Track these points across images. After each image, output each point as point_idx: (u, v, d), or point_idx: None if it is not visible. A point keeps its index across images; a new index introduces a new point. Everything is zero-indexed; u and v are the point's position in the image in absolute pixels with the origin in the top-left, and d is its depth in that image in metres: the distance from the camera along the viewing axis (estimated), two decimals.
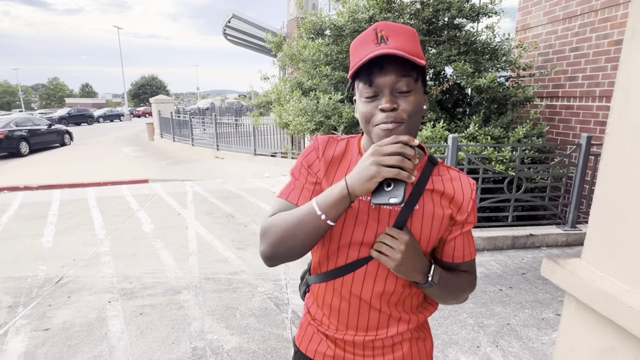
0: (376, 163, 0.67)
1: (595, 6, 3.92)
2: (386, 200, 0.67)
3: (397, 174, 0.66)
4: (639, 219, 1.12)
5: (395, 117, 0.74)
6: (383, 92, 0.74)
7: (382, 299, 0.87)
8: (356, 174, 0.70)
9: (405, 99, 0.74)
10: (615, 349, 1.19)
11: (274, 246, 0.79)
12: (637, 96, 1.12)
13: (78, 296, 3.11)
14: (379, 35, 0.74)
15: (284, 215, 0.80)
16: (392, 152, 0.66)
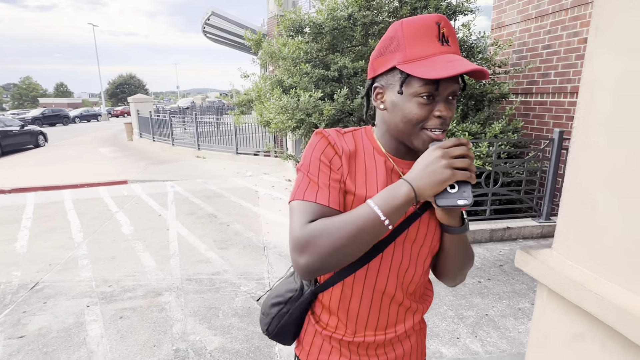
0: (449, 166, 0.65)
1: (565, 5, 4.05)
2: (455, 202, 0.67)
3: (469, 177, 0.66)
4: (605, 209, 1.17)
5: (445, 124, 0.74)
6: (441, 96, 0.72)
7: (402, 289, 0.86)
8: (425, 177, 0.66)
9: (452, 106, 0.75)
10: (584, 335, 1.24)
11: (325, 257, 0.69)
12: (602, 92, 1.16)
13: (55, 301, 3.03)
14: (441, 32, 0.71)
15: (332, 221, 0.70)
16: (459, 155, 0.66)
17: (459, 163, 0.66)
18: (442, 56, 0.70)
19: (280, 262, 3.60)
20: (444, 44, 0.71)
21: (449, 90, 0.72)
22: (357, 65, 4.27)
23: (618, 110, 1.11)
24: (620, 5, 1.08)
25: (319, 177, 0.77)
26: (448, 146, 0.67)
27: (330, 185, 0.77)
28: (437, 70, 0.68)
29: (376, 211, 0.67)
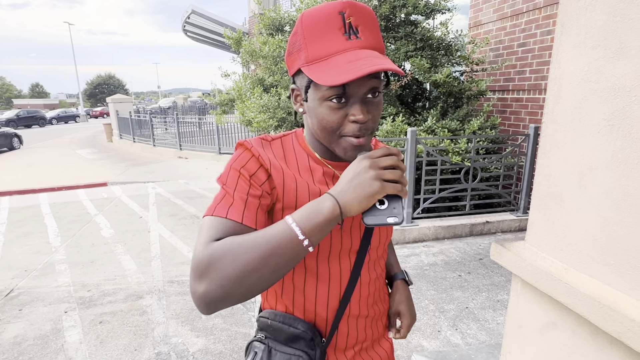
0: (379, 177, 0.57)
1: (539, 4, 4.15)
2: (384, 220, 0.58)
3: (400, 190, 0.58)
4: (573, 202, 1.21)
5: (367, 127, 0.64)
6: (356, 97, 0.63)
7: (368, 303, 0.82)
8: (352, 190, 0.57)
9: (375, 106, 0.65)
10: (556, 323, 1.28)
11: (229, 284, 0.55)
12: (568, 87, 1.20)
13: (31, 308, 2.95)
14: (346, 23, 0.60)
15: (241, 240, 0.57)
16: (390, 166, 0.59)
17: (389, 175, 0.58)
18: (346, 54, 0.60)
19: None
20: (352, 37, 0.61)
21: (364, 89, 0.62)
22: None
23: (583, 105, 1.15)
24: (584, 3, 1.12)
25: (235, 190, 0.65)
26: (377, 156, 0.59)
27: (247, 200, 0.65)
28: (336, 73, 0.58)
29: (294, 229, 0.56)
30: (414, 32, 4.38)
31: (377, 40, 0.64)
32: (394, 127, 3.87)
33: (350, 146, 0.65)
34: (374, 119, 0.65)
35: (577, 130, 1.17)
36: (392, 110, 4.27)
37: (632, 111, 0.98)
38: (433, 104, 4.62)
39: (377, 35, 0.64)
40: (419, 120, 4.31)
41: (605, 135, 1.06)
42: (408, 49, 4.24)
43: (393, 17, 4.56)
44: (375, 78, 0.62)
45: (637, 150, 0.98)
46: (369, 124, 0.64)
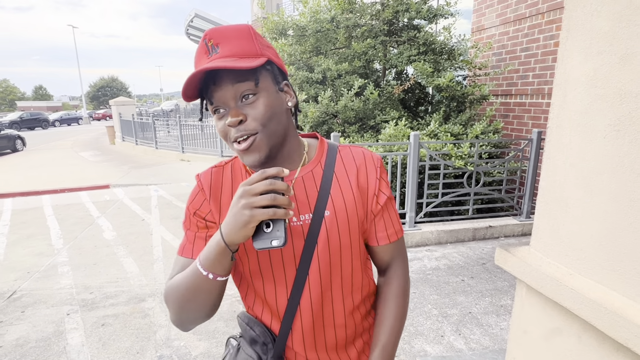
0: (248, 206, 0.59)
1: (542, 9, 4.16)
2: (268, 244, 0.60)
3: (273, 214, 0.59)
4: (578, 207, 1.21)
5: (246, 129, 0.67)
6: (227, 105, 0.68)
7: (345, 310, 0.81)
8: (229, 222, 0.61)
9: (251, 107, 0.67)
10: (561, 329, 1.28)
11: (178, 315, 0.72)
12: (574, 92, 1.20)
13: (33, 310, 2.95)
14: (209, 45, 0.68)
15: (176, 279, 0.71)
16: (263, 191, 0.59)
17: (261, 201, 0.58)
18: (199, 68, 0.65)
19: None
20: (212, 54, 0.67)
21: (227, 97, 0.67)
22: (340, 68, 4.29)
23: (589, 110, 1.15)
24: (589, 9, 1.12)
25: (188, 229, 0.78)
26: (252, 182, 0.60)
27: (196, 237, 0.76)
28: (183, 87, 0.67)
29: (198, 267, 0.65)
30: (417, 36, 4.40)
31: (239, 46, 0.67)
32: (396, 131, 3.88)
33: (239, 152, 0.69)
34: (254, 118, 0.67)
35: (583, 135, 1.17)
36: (394, 114, 4.28)
37: (638, 117, 0.98)
38: (436, 108, 4.62)
39: (239, 42, 0.67)
40: (422, 124, 4.32)
41: (612, 141, 1.06)
42: (411, 53, 4.25)
43: (396, 22, 4.58)
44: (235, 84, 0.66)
45: None
46: (248, 125, 0.67)
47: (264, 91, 0.68)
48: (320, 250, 0.74)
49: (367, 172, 0.79)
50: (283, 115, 0.72)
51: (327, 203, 0.75)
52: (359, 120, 4.47)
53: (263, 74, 0.69)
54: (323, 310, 0.78)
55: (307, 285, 0.75)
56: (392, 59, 4.41)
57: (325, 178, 0.77)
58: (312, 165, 0.78)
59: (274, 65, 0.72)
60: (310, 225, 0.74)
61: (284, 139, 0.73)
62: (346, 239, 0.76)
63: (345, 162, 0.80)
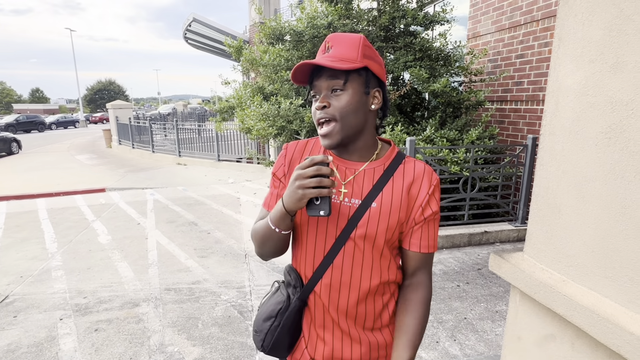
0: (301, 187, 0.75)
1: (536, 16, 4.20)
2: (317, 213, 0.78)
3: (319, 193, 0.75)
4: (571, 213, 1.21)
5: (327, 113, 0.83)
6: (320, 93, 0.85)
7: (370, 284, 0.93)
8: (287, 196, 0.78)
9: (336, 98, 0.83)
10: (554, 336, 1.28)
11: (259, 250, 0.94)
12: (566, 100, 1.21)
13: (25, 315, 2.92)
14: (327, 45, 0.85)
15: (257, 225, 0.92)
16: (312, 175, 0.75)
17: (309, 183, 0.75)
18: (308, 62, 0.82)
19: (261, 270, 3.57)
20: (327, 53, 0.84)
21: (322, 86, 0.84)
22: None
23: (581, 118, 1.16)
24: (580, 18, 1.13)
25: (271, 187, 0.99)
26: (304, 167, 0.76)
27: (272, 194, 0.97)
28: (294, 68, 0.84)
29: (269, 222, 0.85)
30: (413, 42, 4.43)
31: (344, 51, 0.83)
32: (393, 136, 3.89)
33: (320, 135, 0.87)
34: (335, 108, 0.83)
35: (575, 142, 1.18)
36: (391, 119, 4.29)
37: (629, 125, 0.99)
38: (432, 113, 4.64)
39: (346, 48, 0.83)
40: (418, 129, 4.33)
41: (603, 148, 1.07)
42: (407, 59, 4.28)
43: (392, 28, 4.61)
44: (329, 79, 0.83)
45: (635, 164, 0.99)
46: (329, 111, 0.83)
47: (350, 89, 0.84)
48: (358, 231, 0.89)
49: (420, 185, 0.91)
50: (363, 113, 0.87)
51: (377, 197, 0.89)
52: None
53: (353, 76, 0.84)
54: (352, 275, 0.91)
55: (342, 252, 0.90)
56: (388, 64, 4.43)
57: (383, 177, 0.91)
58: (377, 163, 0.93)
59: (370, 72, 0.86)
60: (357, 209, 0.89)
61: (359, 133, 0.89)
62: (382, 230, 0.89)
63: (405, 169, 0.93)
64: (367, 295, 0.93)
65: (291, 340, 1.00)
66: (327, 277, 0.92)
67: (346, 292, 0.92)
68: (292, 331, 0.99)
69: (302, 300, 0.97)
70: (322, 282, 0.93)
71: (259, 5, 5.26)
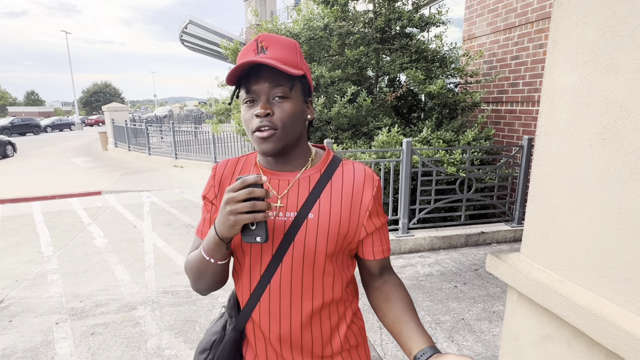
0: (232, 213, 0.68)
1: (531, 18, 4.23)
2: (253, 240, 0.71)
3: (253, 219, 0.67)
4: (567, 213, 1.22)
5: (270, 122, 0.75)
6: (260, 98, 0.77)
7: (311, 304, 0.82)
8: (219, 223, 0.71)
9: (279, 106, 0.76)
10: (551, 336, 1.28)
11: (194, 285, 0.84)
12: (561, 101, 1.22)
13: (21, 319, 2.90)
14: (259, 46, 0.77)
15: (190, 257, 0.83)
16: (243, 198, 0.67)
17: (242, 208, 0.67)
18: (247, 59, 0.74)
19: None
20: (260, 53, 0.76)
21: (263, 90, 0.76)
22: (333, 75, 4.31)
23: (576, 119, 1.17)
24: (575, 20, 1.14)
25: (203, 212, 0.91)
26: (235, 189, 0.68)
27: (205, 220, 0.88)
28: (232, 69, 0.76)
29: (202, 252, 0.76)
30: (409, 44, 4.44)
31: (284, 55, 0.76)
32: (389, 137, 3.90)
33: (257, 139, 0.77)
34: (279, 117, 0.76)
35: (571, 143, 1.19)
36: (387, 121, 4.30)
37: (623, 125, 1.00)
38: (428, 115, 4.66)
39: (285, 52, 0.77)
40: (414, 131, 4.35)
41: (598, 149, 1.08)
42: (403, 61, 4.30)
43: (388, 30, 4.63)
44: (273, 84, 0.75)
45: (629, 164, 1.00)
46: (273, 120, 0.76)
47: (294, 97, 0.78)
48: (295, 247, 0.80)
49: (363, 188, 0.84)
50: (301, 122, 0.81)
51: (313, 207, 0.81)
52: (352, 126, 4.49)
53: (297, 84, 0.79)
54: (292, 297, 0.82)
55: (278, 272, 0.81)
56: (384, 66, 4.45)
57: (318, 184, 0.83)
58: (312, 170, 0.85)
59: (306, 81, 0.82)
60: (292, 222, 0.80)
61: (296, 142, 0.82)
62: (322, 243, 0.80)
63: (344, 174, 0.85)
64: (310, 319, 0.83)
65: None
66: (265, 302, 0.82)
67: (287, 317, 0.82)
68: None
69: (237, 330, 0.87)
70: (260, 307, 0.83)
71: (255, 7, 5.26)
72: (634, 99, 0.97)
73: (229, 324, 0.89)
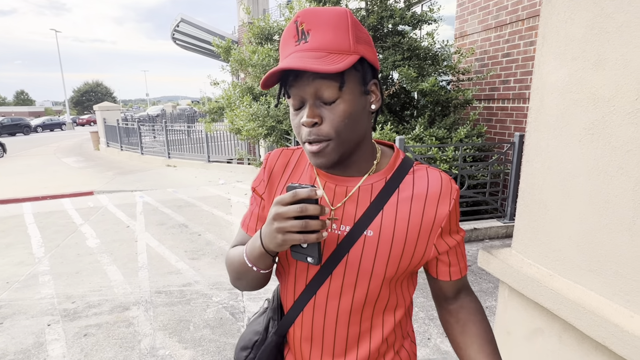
0: (280, 231, 0.58)
1: (521, 16, 4.26)
2: (304, 259, 0.63)
3: (304, 240, 0.57)
4: (557, 208, 1.23)
5: (319, 133, 0.62)
6: (305, 103, 0.63)
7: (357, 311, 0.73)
8: (266, 236, 0.61)
9: (329, 110, 0.61)
10: (542, 329, 1.30)
11: (233, 282, 0.77)
12: (550, 97, 1.23)
13: (12, 322, 2.86)
14: (299, 30, 0.61)
15: (232, 254, 0.75)
16: (294, 215, 0.57)
17: (292, 227, 0.57)
18: (290, 57, 0.61)
19: None
20: (301, 42, 0.61)
21: (306, 94, 0.61)
22: None
23: (565, 115, 1.18)
24: (563, 17, 1.15)
25: (251, 204, 0.82)
26: (284, 202, 0.58)
27: (253, 213, 0.79)
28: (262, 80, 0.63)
29: (245, 259, 0.68)
30: (402, 42, 4.45)
31: (326, 39, 0.59)
32: (382, 135, 3.91)
33: (310, 153, 0.65)
34: (330, 125, 0.61)
35: (560, 139, 1.20)
36: (380, 118, 4.31)
37: (611, 121, 1.01)
38: (421, 112, 4.67)
39: (332, 34, 0.60)
40: (407, 128, 4.36)
41: (587, 144, 1.09)
42: (396, 59, 4.30)
43: (381, 28, 4.63)
44: (317, 83, 0.60)
45: (617, 159, 1.01)
46: (323, 129, 0.61)
47: (348, 95, 0.61)
48: (348, 265, 0.69)
49: (438, 201, 0.69)
50: (362, 120, 0.66)
51: (374, 221, 0.68)
52: None
53: (350, 76, 0.61)
54: (338, 315, 0.72)
55: (327, 284, 0.71)
56: None
57: (382, 194, 0.69)
58: (377, 177, 0.71)
59: (366, 62, 0.63)
60: (345, 237, 0.69)
61: (357, 145, 0.68)
62: (381, 267, 0.68)
63: (415, 182, 0.70)
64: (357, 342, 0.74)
65: None
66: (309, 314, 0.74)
67: (331, 334, 0.73)
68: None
69: (279, 335, 0.80)
70: (302, 317, 0.75)
71: (247, 5, 5.24)
72: (620, 94, 0.98)
73: (272, 327, 0.81)
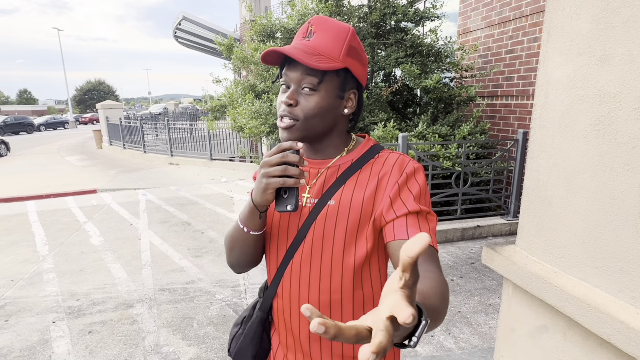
0: (265, 175, 0.68)
1: (525, 12, 4.23)
2: (284, 208, 0.70)
3: (283, 183, 0.67)
4: (562, 205, 1.23)
5: (291, 112, 0.74)
6: (290, 85, 0.75)
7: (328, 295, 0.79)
8: (255, 187, 0.71)
9: (305, 98, 0.74)
10: (547, 326, 1.30)
11: (228, 257, 0.86)
12: (555, 93, 1.22)
13: (17, 319, 2.88)
14: (309, 30, 0.75)
15: (229, 228, 0.86)
16: (277, 162, 0.67)
17: (274, 171, 0.67)
18: (292, 46, 0.73)
19: (256, 269, 3.56)
20: (306, 39, 0.75)
21: (293, 79, 0.74)
22: None
23: (570, 111, 1.17)
24: (568, 12, 1.14)
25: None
26: (270, 154, 0.68)
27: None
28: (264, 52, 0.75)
29: (237, 220, 0.79)
30: (404, 38, 4.43)
31: (327, 44, 0.73)
32: (385, 132, 3.90)
33: (280, 128, 0.77)
34: (301, 109, 0.74)
35: (565, 135, 1.19)
36: (383, 116, 4.30)
37: (617, 117, 1.00)
38: (424, 109, 4.66)
39: (330, 39, 0.73)
40: (410, 125, 4.35)
41: (592, 140, 1.08)
42: (398, 56, 4.29)
43: (383, 24, 4.61)
44: (303, 74, 0.72)
45: (623, 155, 1.00)
46: (294, 111, 0.74)
47: (324, 92, 0.74)
48: (314, 233, 0.79)
49: (390, 174, 0.76)
50: (330, 118, 0.77)
51: (336, 193, 0.79)
52: None
53: (329, 77, 0.74)
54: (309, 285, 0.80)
55: (300, 249, 0.80)
56: (380, 61, 4.44)
57: (346, 172, 0.80)
58: (344, 159, 0.82)
59: (349, 74, 0.77)
60: (312, 208, 0.80)
61: (323, 135, 0.80)
62: (341, 229, 0.77)
63: (376, 162, 0.80)
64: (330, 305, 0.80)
65: (255, 352, 0.93)
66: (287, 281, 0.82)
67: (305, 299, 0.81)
68: (255, 342, 0.92)
69: (263, 310, 0.90)
70: (281, 292, 0.84)
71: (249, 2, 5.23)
72: (627, 90, 0.98)
73: (259, 305, 0.93)
